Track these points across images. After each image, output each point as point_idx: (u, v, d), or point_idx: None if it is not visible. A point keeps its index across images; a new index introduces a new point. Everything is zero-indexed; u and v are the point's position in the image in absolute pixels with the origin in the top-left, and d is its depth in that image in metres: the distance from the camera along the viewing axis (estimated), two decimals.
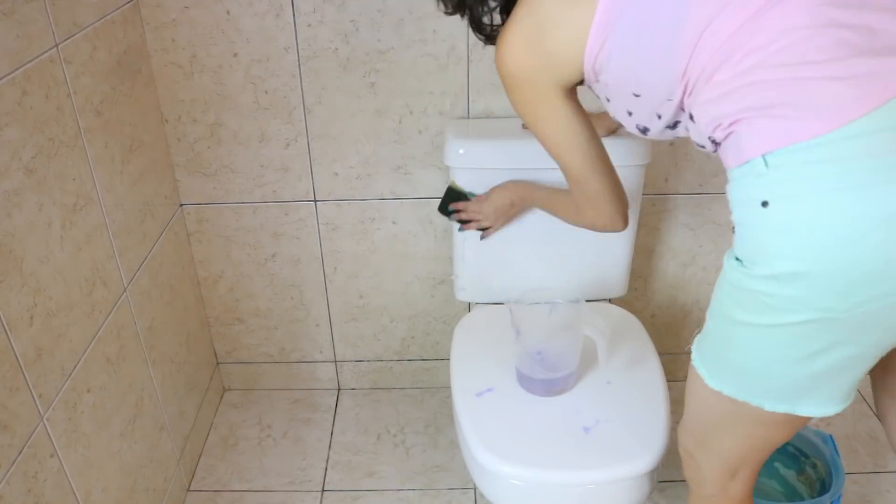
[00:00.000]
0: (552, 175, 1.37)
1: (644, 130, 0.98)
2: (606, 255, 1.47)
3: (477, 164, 1.37)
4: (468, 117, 1.50)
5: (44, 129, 1.06)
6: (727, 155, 0.83)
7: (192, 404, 1.67)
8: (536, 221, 1.43)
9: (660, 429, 1.17)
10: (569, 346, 1.26)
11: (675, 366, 1.87)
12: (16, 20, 1.00)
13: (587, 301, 1.50)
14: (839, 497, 1.26)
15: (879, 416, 1.09)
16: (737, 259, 0.83)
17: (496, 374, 1.31)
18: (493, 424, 1.21)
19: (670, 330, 1.82)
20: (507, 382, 1.29)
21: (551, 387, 1.26)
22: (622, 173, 1.37)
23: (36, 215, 1.04)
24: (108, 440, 1.24)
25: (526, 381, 1.27)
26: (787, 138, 0.75)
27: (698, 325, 1.81)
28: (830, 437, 1.35)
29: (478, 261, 1.47)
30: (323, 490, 1.62)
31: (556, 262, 1.47)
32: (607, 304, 1.51)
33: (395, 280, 1.72)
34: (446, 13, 1.04)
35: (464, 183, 1.39)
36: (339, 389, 1.90)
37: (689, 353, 0.99)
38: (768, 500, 1.42)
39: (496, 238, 1.44)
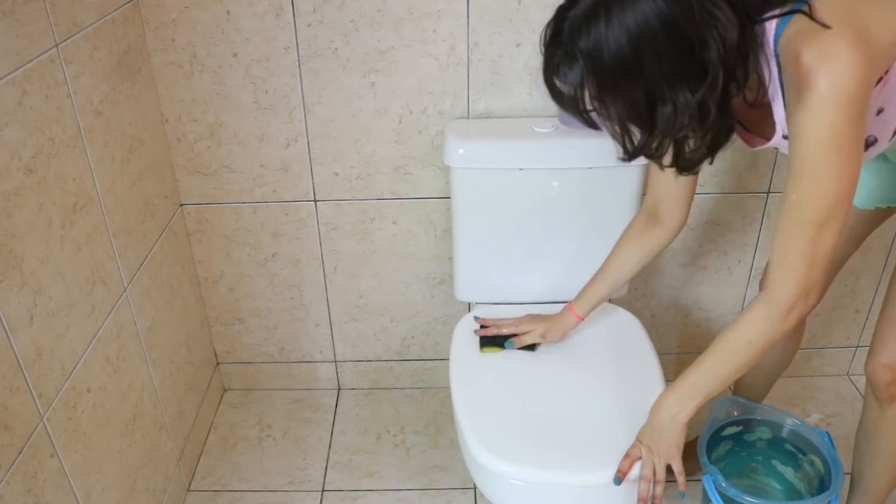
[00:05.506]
0: (552, 175, 1.38)
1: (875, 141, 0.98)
2: (606, 255, 1.47)
3: (477, 164, 1.37)
4: (468, 117, 1.51)
5: (44, 129, 1.06)
6: None
7: (192, 404, 1.67)
8: (535, 221, 1.43)
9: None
10: None
11: (676, 366, 1.87)
12: (16, 20, 1.00)
13: None
14: (837, 496, 1.26)
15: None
16: None
17: (496, 373, 1.31)
18: (493, 424, 1.21)
19: (670, 330, 1.82)
20: (507, 382, 1.29)
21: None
22: (622, 173, 1.39)
23: (36, 215, 1.04)
24: (108, 440, 1.24)
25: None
26: None
27: (698, 325, 1.81)
28: (827, 433, 1.35)
29: (478, 261, 1.47)
30: (323, 490, 1.62)
31: (555, 261, 1.47)
32: (607, 304, 1.51)
33: (395, 280, 1.72)
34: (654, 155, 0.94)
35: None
36: (339, 389, 1.90)
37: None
38: (766, 498, 1.42)
39: (496, 238, 1.44)
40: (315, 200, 1.61)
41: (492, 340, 1.38)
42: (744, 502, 1.23)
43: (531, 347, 1.37)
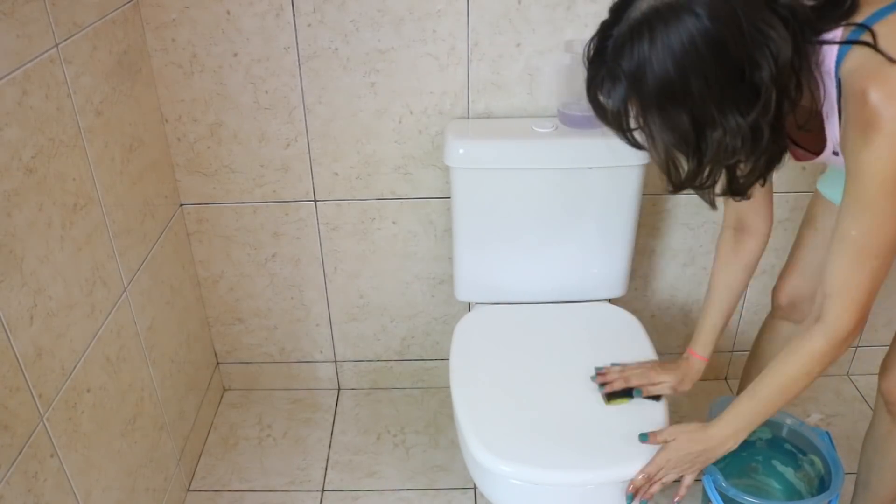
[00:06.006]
0: (552, 175, 1.38)
1: None
2: (606, 254, 1.47)
3: (477, 164, 1.37)
4: (468, 117, 1.51)
5: (44, 129, 1.06)
6: None
7: (192, 404, 1.67)
8: (535, 221, 1.43)
9: (658, 429, 1.17)
10: None
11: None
12: (16, 20, 1.00)
13: (587, 301, 1.51)
14: (837, 496, 1.26)
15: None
16: None
17: (496, 374, 1.31)
18: (494, 424, 1.21)
19: (670, 330, 1.82)
20: (507, 382, 1.29)
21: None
22: (622, 173, 1.39)
23: (36, 215, 1.04)
24: (108, 440, 1.24)
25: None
26: None
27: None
28: (827, 433, 1.35)
29: (478, 261, 1.47)
30: (323, 490, 1.62)
31: (556, 261, 1.47)
32: (607, 305, 1.51)
33: (395, 280, 1.72)
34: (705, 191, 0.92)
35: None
36: (339, 389, 1.90)
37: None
38: (766, 498, 1.42)
39: (496, 238, 1.44)
40: (315, 200, 1.61)
41: (619, 392, 1.26)
42: (744, 502, 1.23)
43: (656, 397, 1.26)
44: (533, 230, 1.43)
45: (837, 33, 0.86)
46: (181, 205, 1.61)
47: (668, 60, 0.80)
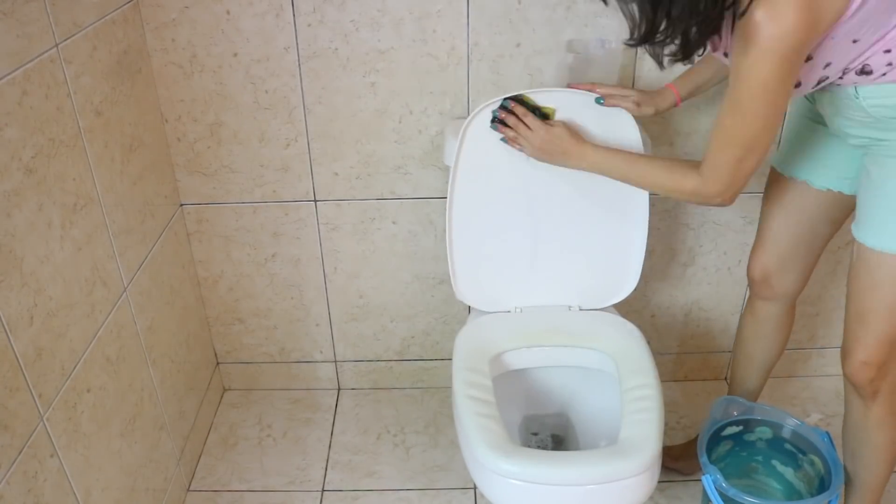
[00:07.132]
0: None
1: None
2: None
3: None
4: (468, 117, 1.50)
5: (44, 129, 1.06)
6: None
7: (192, 404, 1.67)
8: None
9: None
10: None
11: (675, 366, 1.87)
12: (16, 20, 1.00)
13: (591, 310, 1.51)
14: (837, 496, 1.27)
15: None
16: None
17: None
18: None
19: (670, 330, 1.82)
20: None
21: None
22: None
23: (36, 215, 1.04)
24: (108, 440, 1.24)
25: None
26: None
27: (698, 325, 1.81)
28: (827, 433, 1.36)
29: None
30: (323, 490, 1.62)
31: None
32: (609, 314, 1.49)
33: (395, 280, 1.72)
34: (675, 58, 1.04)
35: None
36: (339, 389, 1.90)
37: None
38: (766, 498, 1.43)
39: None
40: (315, 200, 1.61)
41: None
42: (744, 502, 1.23)
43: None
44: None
45: None
46: (181, 205, 1.61)
47: None
